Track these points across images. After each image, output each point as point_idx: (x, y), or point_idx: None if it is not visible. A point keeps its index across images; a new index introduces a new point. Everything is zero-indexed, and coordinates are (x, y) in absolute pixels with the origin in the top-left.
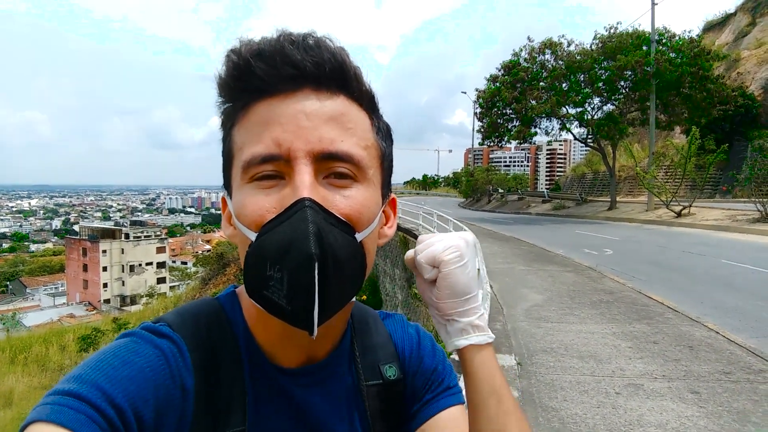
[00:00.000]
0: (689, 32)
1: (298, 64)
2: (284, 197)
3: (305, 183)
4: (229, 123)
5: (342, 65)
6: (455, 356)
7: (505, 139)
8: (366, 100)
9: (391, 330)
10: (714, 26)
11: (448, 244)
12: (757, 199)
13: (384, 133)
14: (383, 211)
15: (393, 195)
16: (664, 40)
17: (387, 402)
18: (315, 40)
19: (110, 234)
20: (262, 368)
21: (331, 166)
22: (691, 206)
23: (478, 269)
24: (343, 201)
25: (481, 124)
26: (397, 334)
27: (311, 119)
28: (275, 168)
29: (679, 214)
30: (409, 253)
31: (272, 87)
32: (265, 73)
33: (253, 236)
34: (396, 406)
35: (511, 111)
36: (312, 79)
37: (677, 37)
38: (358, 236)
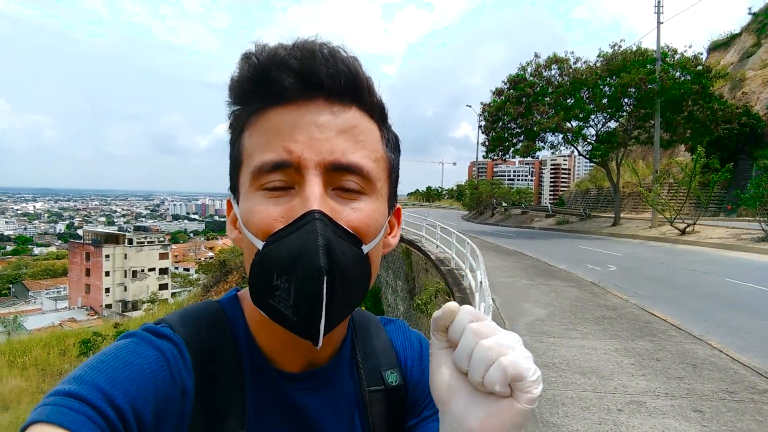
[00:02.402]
0: (690, 47)
1: (316, 75)
2: (293, 207)
3: (315, 194)
4: (239, 127)
5: (356, 77)
6: None
7: (510, 153)
8: (377, 112)
9: (393, 336)
10: (719, 46)
11: (537, 371)
12: (761, 219)
13: (393, 145)
14: (388, 221)
15: (398, 205)
16: (667, 58)
17: (388, 408)
18: (330, 50)
19: (114, 239)
20: (263, 372)
21: (341, 178)
22: (695, 224)
23: None
24: (352, 213)
25: (485, 137)
26: (398, 341)
27: (323, 131)
28: (285, 177)
29: (683, 232)
30: (442, 316)
31: (288, 95)
32: (283, 81)
33: (260, 244)
34: (397, 413)
35: (516, 125)
36: (327, 90)
37: (680, 55)
38: (365, 248)
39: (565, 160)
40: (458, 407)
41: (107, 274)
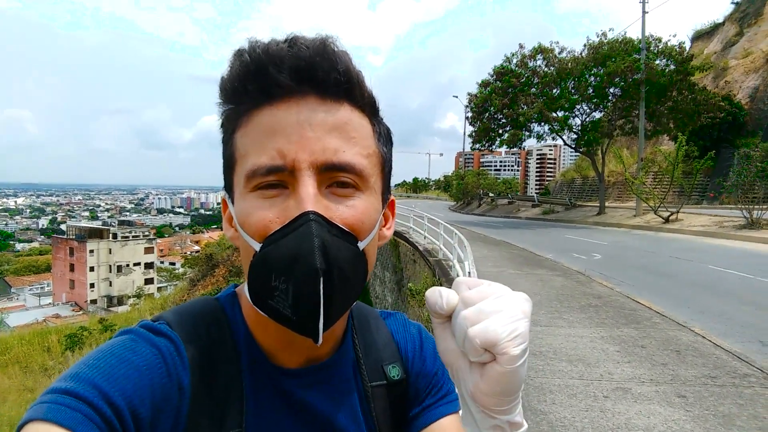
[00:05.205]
0: (675, 36)
1: (310, 70)
2: (288, 208)
3: (309, 195)
4: (231, 126)
5: (348, 73)
6: None
7: (496, 143)
8: (368, 106)
9: (393, 329)
10: (702, 35)
11: (516, 330)
12: (743, 206)
13: (385, 138)
14: (382, 214)
15: (392, 197)
16: (652, 48)
17: (391, 402)
18: (323, 45)
19: (98, 234)
20: (263, 368)
21: (334, 176)
22: (678, 212)
23: None
24: (347, 211)
25: (472, 128)
26: (399, 334)
27: (315, 130)
28: (279, 178)
29: (666, 220)
30: (436, 296)
31: (281, 92)
32: (277, 77)
33: (257, 246)
34: (399, 406)
35: (502, 116)
36: (319, 86)
37: (663, 44)
38: (361, 245)
39: (551, 150)
40: (460, 372)
41: (92, 269)
